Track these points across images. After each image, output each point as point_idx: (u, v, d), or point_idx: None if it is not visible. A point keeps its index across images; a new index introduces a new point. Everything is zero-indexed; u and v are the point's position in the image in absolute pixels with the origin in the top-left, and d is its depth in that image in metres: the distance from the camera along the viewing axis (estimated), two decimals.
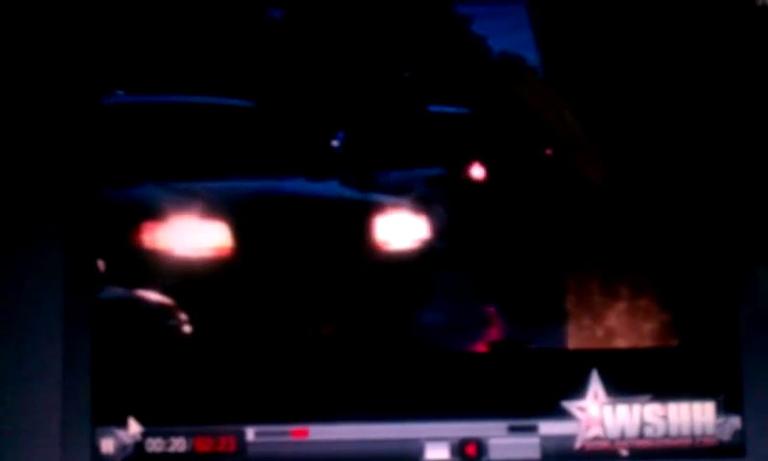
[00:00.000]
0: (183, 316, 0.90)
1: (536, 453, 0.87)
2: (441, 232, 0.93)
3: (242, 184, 0.96)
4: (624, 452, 0.87)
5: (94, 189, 0.89)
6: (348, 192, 0.95)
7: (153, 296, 0.91)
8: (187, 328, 0.90)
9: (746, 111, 0.89)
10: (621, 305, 0.91)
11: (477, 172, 0.95)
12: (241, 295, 0.92)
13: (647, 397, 0.88)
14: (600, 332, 0.91)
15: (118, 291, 0.89)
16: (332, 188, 0.95)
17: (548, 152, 0.95)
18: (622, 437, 0.87)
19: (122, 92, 0.93)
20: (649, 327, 0.91)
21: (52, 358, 0.87)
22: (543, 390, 0.88)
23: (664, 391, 0.87)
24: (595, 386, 0.88)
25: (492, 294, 0.93)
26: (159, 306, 0.90)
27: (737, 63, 0.89)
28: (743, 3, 0.89)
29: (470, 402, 0.88)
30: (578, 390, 0.87)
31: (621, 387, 0.88)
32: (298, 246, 0.94)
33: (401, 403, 0.87)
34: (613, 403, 0.88)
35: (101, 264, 0.89)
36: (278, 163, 0.98)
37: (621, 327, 0.91)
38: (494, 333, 0.92)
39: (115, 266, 0.90)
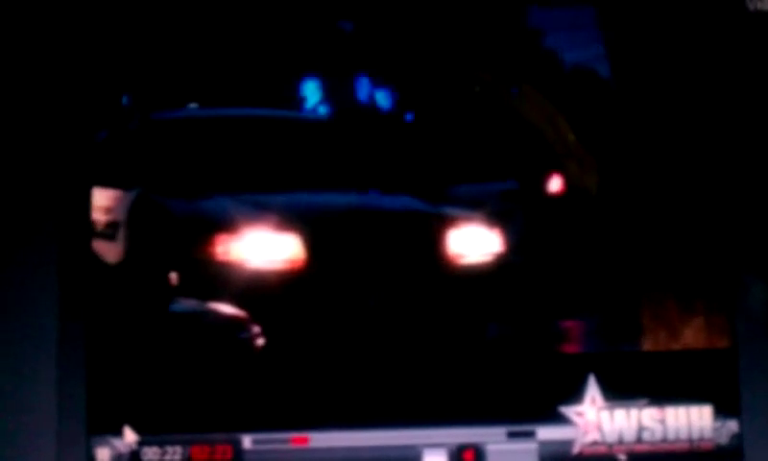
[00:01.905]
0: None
1: (534, 459, 0.87)
2: (515, 247, 0.93)
3: (314, 198, 0.96)
4: (622, 457, 0.87)
5: (88, 194, 0.88)
6: (420, 205, 0.95)
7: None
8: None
9: (740, 121, 0.90)
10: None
11: (552, 185, 0.95)
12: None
13: (644, 401, 0.88)
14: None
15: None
16: (404, 202, 0.95)
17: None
18: (620, 442, 0.87)
19: (195, 105, 0.94)
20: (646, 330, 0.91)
21: (47, 367, 0.86)
22: (541, 395, 0.88)
23: (662, 395, 0.87)
24: (593, 391, 0.88)
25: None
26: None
27: (737, 75, 0.90)
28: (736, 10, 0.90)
29: (468, 408, 0.87)
30: (575, 395, 0.87)
31: (619, 392, 0.88)
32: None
33: (400, 410, 0.87)
34: (611, 408, 0.88)
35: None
36: (351, 177, 0.98)
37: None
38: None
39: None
